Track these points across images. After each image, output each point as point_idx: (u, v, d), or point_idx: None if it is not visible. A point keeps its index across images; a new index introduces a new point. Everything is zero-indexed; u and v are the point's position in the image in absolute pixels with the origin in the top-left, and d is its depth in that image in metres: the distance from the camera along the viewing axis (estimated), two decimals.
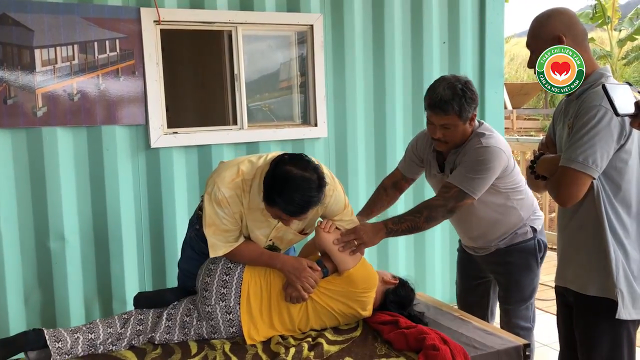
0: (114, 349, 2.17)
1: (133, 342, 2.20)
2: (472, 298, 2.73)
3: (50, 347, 2.09)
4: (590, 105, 1.74)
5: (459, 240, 2.75)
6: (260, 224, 2.27)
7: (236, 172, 2.20)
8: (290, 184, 2.03)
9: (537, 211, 2.54)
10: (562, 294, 2.05)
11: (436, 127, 2.34)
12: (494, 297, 2.72)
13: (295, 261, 2.27)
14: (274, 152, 2.29)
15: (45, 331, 2.13)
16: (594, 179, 1.77)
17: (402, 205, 4.00)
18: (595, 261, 1.86)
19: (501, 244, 2.49)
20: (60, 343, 2.12)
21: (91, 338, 2.16)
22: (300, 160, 2.12)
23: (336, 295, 2.29)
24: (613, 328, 1.87)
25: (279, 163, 2.10)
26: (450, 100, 2.27)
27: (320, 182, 2.09)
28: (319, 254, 2.40)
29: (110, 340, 2.17)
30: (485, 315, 2.68)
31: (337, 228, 2.32)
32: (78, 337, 2.16)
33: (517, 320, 2.55)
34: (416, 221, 2.32)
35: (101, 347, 2.16)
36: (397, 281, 2.45)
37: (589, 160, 1.72)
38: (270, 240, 2.34)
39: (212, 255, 2.26)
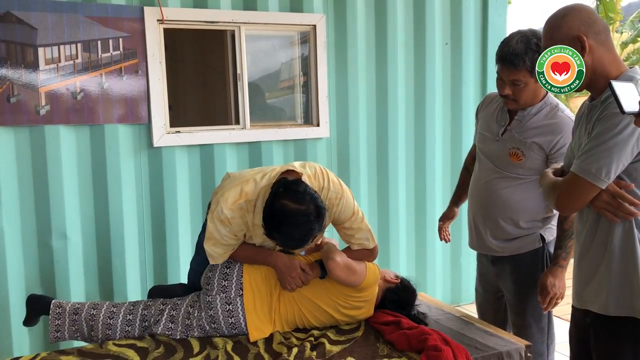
0: (114, 334, 2.26)
1: (136, 332, 2.27)
2: (490, 311, 2.60)
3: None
4: (616, 111, 1.57)
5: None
6: (266, 238, 2.26)
7: (239, 194, 2.20)
8: (288, 220, 2.04)
9: (553, 220, 2.37)
10: (577, 316, 1.86)
11: (505, 84, 2.21)
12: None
13: (289, 260, 2.28)
14: (278, 168, 2.28)
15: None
16: (602, 189, 1.65)
17: (403, 206, 4.02)
18: (619, 277, 1.69)
19: (502, 244, 2.38)
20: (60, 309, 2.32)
21: (93, 314, 2.26)
22: (296, 192, 2.07)
23: (341, 292, 2.31)
24: (638, 352, 1.68)
25: (275, 196, 2.09)
26: (522, 54, 2.12)
27: (318, 211, 2.08)
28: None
29: (111, 320, 2.27)
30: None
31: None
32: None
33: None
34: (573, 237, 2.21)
35: (100, 324, 2.27)
36: (399, 281, 2.46)
37: (602, 172, 1.62)
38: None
39: (211, 263, 2.30)
